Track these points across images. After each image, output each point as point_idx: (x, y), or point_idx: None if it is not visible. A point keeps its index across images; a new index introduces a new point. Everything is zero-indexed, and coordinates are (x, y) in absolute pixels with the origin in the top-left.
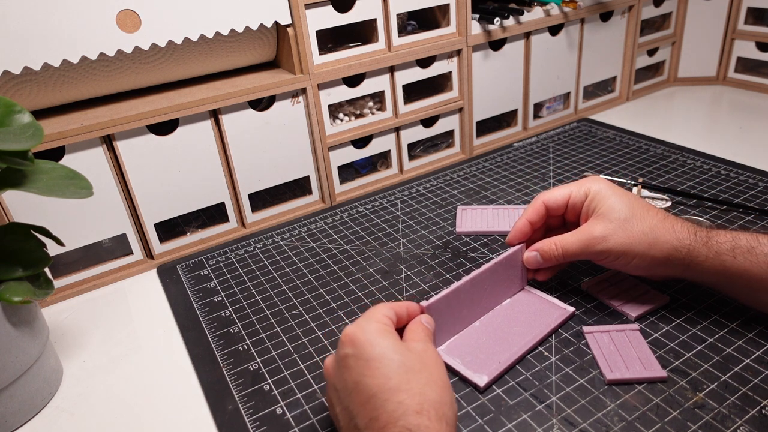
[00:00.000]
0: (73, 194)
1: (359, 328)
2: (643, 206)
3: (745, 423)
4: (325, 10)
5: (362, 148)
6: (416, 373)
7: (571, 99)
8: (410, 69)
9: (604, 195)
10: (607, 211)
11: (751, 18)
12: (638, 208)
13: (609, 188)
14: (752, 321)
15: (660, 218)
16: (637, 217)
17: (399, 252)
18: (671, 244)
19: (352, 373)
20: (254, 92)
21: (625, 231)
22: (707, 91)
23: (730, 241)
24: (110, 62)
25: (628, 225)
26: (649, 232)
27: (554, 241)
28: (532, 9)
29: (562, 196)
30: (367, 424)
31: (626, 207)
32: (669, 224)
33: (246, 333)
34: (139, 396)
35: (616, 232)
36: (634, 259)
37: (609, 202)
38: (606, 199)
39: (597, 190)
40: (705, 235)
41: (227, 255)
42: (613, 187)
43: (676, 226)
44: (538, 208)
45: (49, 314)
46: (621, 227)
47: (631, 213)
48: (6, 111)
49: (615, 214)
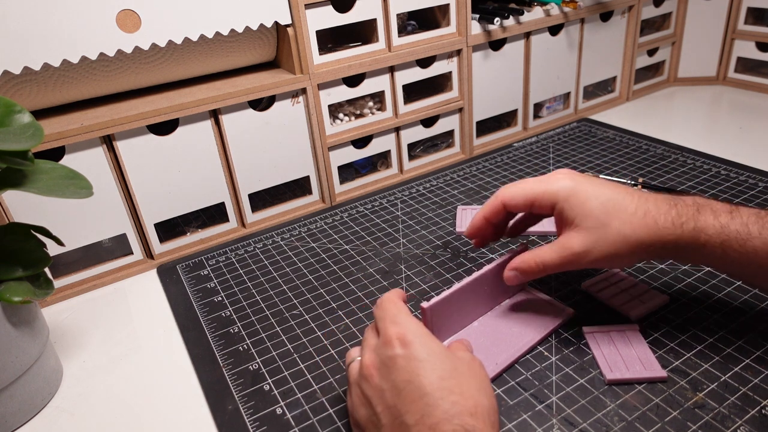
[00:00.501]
0: (73, 194)
1: (405, 329)
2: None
3: (745, 423)
4: (325, 10)
5: (362, 148)
6: (468, 378)
7: (571, 99)
8: (410, 69)
9: (576, 200)
10: (584, 220)
11: (751, 18)
12: (614, 208)
13: (580, 188)
14: (752, 321)
15: (640, 214)
16: (615, 218)
17: (399, 252)
18: (657, 244)
19: (402, 373)
20: (254, 92)
21: (606, 239)
22: (707, 91)
23: (719, 233)
24: (110, 62)
25: (608, 231)
26: (631, 234)
27: (533, 257)
28: (532, 9)
29: (524, 198)
30: (417, 420)
31: (602, 209)
32: (651, 220)
33: (246, 333)
34: (139, 396)
35: (597, 243)
36: (620, 262)
37: (584, 208)
38: (580, 205)
39: (566, 196)
40: (692, 228)
41: (227, 255)
42: (584, 182)
43: (659, 220)
44: (496, 207)
45: (49, 314)
46: (601, 237)
47: (609, 215)
48: (6, 111)
49: (591, 221)
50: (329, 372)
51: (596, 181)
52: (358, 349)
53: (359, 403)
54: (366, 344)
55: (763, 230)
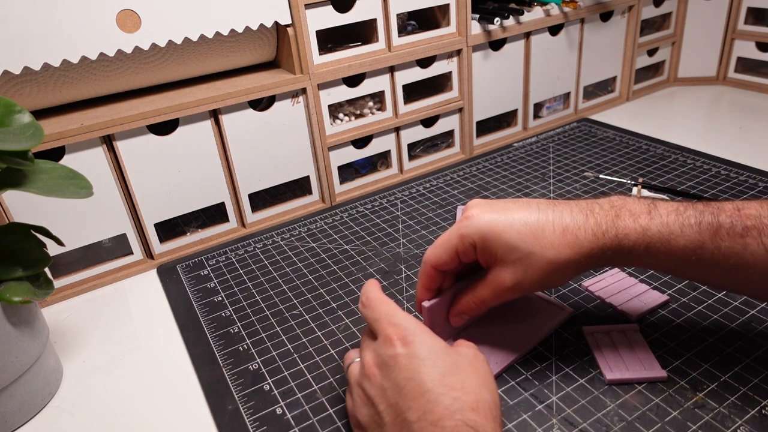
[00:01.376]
0: (73, 194)
1: (405, 329)
2: (534, 227)
3: (745, 423)
4: (325, 10)
5: (362, 148)
6: (470, 374)
7: (571, 99)
8: (410, 69)
9: (493, 234)
10: (507, 254)
11: (751, 18)
12: (532, 234)
13: (493, 221)
14: (752, 321)
15: (559, 233)
16: (536, 245)
17: (399, 252)
18: (584, 259)
19: (403, 371)
20: (254, 92)
21: (534, 268)
22: (707, 91)
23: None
24: (110, 62)
25: (533, 259)
26: (555, 256)
27: (471, 298)
28: (532, 9)
29: (449, 256)
30: (419, 416)
31: (520, 239)
32: (571, 237)
33: (246, 333)
34: (139, 396)
35: (527, 273)
36: (555, 283)
37: (502, 241)
38: (496, 239)
39: (482, 235)
40: (614, 235)
41: (227, 255)
42: (495, 213)
43: (579, 234)
44: (430, 275)
45: (49, 314)
46: (529, 266)
47: (529, 243)
48: (6, 111)
49: (515, 254)
50: (329, 372)
51: (507, 206)
52: (357, 351)
53: (361, 403)
54: (365, 345)
55: (684, 227)
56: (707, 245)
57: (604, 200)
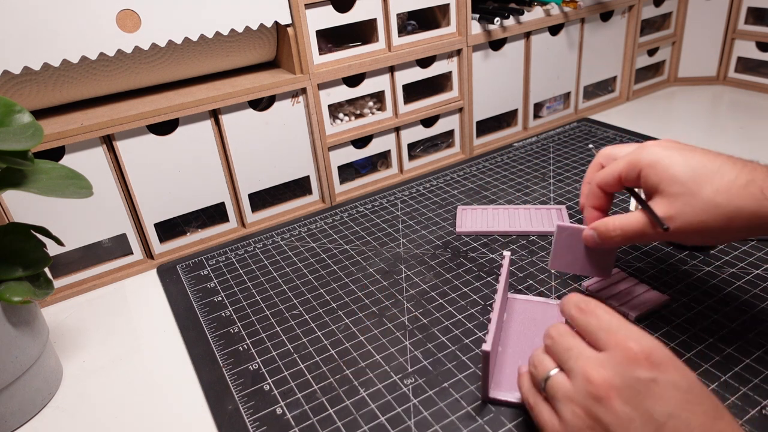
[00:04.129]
0: (73, 194)
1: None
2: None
3: (745, 423)
4: (325, 10)
5: (362, 148)
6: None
7: (571, 99)
8: (410, 69)
9: (661, 165)
10: (669, 185)
11: (752, 18)
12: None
13: (667, 154)
14: (752, 321)
15: (741, 182)
16: (707, 184)
17: (399, 252)
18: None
19: (661, 403)
20: (254, 92)
21: (694, 207)
22: (707, 91)
23: None
24: (110, 62)
25: (697, 198)
26: (725, 202)
27: (615, 221)
28: (532, 9)
29: (613, 177)
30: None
31: (690, 174)
32: (755, 189)
33: (246, 333)
34: (139, 396)
35: (683, 210)
36: (713, 236)
37: (669, 173)
38: (665, 170)
39: (650, 162)
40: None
41: (227, 255)
42: (676, 149)
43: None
44: (596, 194)
45: (49, 314)
46: (688, 203)
47: (699, 181)
48: (6, 111)
49: (677, 187)
50: (329, 372)
51: (695, 149)
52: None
53: (585, 426)
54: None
55: None
56: None
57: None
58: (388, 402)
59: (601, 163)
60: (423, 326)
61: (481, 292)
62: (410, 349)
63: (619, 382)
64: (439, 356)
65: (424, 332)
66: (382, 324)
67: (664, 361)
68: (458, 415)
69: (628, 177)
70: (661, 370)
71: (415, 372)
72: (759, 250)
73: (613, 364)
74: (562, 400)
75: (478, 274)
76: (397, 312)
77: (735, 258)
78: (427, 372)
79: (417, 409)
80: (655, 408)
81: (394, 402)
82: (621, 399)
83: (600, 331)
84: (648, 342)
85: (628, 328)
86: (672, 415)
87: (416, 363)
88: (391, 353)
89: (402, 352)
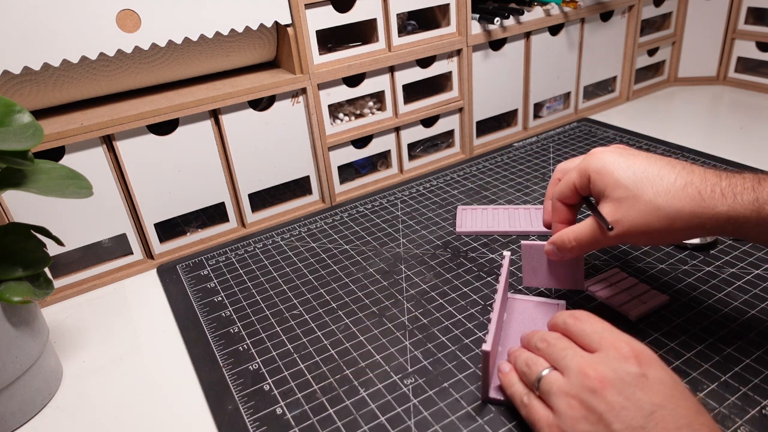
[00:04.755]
0: (73, 194)
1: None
2: (653, 173)
3: (745, 423)
4: (325, 10)
5: (362, 148)
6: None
7: (571, 99)
8: (410, 69)
9: (606, 171)
10: (613, 190)
11: (752, 18)
12: (647, 177)
13: (612, 159)
14: (752, 321)
15: (680, 185)
16: (647, 187)
17: (399, 252)
18: (702, 216)
19: (650, 395)
20: (254, 92)
21: (637, 209)
22: (707, 91)
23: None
24: (110, 62)
25: (639, 201)
26: (665, 204)
27: (569, 234)
28: (532, 9)
29: (569, 189)
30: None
31: (633, 178)
32: (692, 190)
33: (246, 333)
34: (139, 396)
35: (627, 213)
36: (658, 238)
37: (613, 178)
38: (609, 175)
39: (596, 169)
40: (752, 200)
41: (227, 255)
42: (621, 155)
43: (704, 190)
44: (557, 208)
45: (49, 314)
46: (631, 206)
47: (640, 184)
48: (6, 111)
49: (620, 191)
50: (329, 372)
51: (639, 154)
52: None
53: (580, 416)
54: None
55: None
56: None
57: (746, 172)
58: (388, 402)
59: (558, 178)
60: (423, 326)
61: (481, 292)
62: (410, 349)
63: (612, 376)
64: (439, 356)
65: (424, 332)
66: (382, 324)
67: (652, 361)
68: (458, 415)
69: (581, 185)
70: (649, 367)
71: (415, 372)
72: (759, 250)
73: (606, 361)
74: (557, 393)
75: (478, 274)
76: (397, 312)
77: (735, 258)
78: (427, 372)
79: (417, 409)
80: (645, 399)
81: (394, 402)
82: (614, 390)
83: (593, 335)
84: (637, 344)
85: (618, 332)
86: (660, 405)
87: (416, 363)
88: (391, 353)
89: (402, 352)
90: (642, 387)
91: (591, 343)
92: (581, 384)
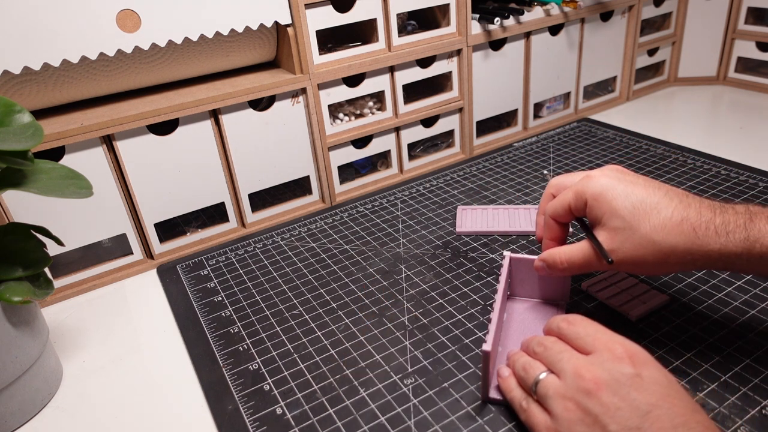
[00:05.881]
0: (73, 194)
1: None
2: (651, 205)
3: (745, 423)
4: (325, 10)
5: (362, 148)
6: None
7: (571, 99)
8: (410, 69)
9: (604, 198)
10: (610, 219)
11: (752, 18)
12: (645, 210)
13: (611, 185)
14: (752, 321)
15: (676, 220)
16: (644, 221)
17: (399, 252)
18: (695, 253)
19: (645, 395)
20: (254, 92)
21: (632, 242)
22: (707, 91)
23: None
24: (110, 62)
25: (635, 233)
26: (661, 240)
27: (561, 255)
28: (532, 9)
29: (563, 209)
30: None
31: (630, 210)
32: (687, 227)
33: (246, 333)
34: (139, 396)
35: (623, 245)
36: (651, 269)
37: (611, 206)
38: (608, 203)
39: (594, 194)
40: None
41: (227, 255)
42: (620, 181)
43: (698, 228)
44: (550, 225)
45: (49, 314)
46: (627, 239)
47: (638, 217)
48: (6, 111)
49: (618, 221)
50: (329, 372)
51: (637, 180)
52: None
53: (576, 419)
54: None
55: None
56: None
57: (740, 206)
58: (388, 402)
59: (552, 193)
60: (423, 326)
61: (481, 292)
62: (410, 349)
63: (607, 377)
64: (439, 356)
65: (424, 332)
66: (382, 324)
67: (646, 361)
68: (458, 415)
69: (576, 207)
70: (643, 367)
71: (415, 372)
72: None
73: (600, 362)
74: (554, 396)
75: (478, 274)
76: (397, 312)
77: None
78: (427, 372)
79: (417, 409)
80: (640, 399)
81: (394, 402)
82: (609, 391)
83: (587, 337)
84: (631, 345)
85: (611, 333)
86: (655, 405)
87: (416, 363)
88: (391, 353)
89: (402, 352)
90: (637, 387)
91: (585, 346)
92: (576, 386)
